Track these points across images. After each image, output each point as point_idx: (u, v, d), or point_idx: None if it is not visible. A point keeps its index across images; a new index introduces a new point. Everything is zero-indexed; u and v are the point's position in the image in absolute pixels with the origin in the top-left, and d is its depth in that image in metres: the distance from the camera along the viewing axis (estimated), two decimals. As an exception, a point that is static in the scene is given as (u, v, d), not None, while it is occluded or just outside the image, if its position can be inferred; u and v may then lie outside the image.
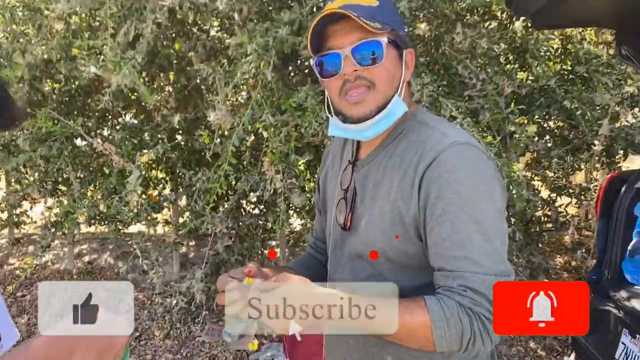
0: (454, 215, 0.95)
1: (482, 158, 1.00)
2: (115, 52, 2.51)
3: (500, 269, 0.96)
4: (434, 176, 0.98)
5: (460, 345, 0.93)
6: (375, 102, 1.05)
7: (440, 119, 1.13)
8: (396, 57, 1.06)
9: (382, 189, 1.07)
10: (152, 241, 4.71)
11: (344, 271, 1.16)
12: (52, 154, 3.14)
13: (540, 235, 3.78)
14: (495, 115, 2.76)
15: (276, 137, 2.80)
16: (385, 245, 1.05)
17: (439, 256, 0.98)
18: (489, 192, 0.98)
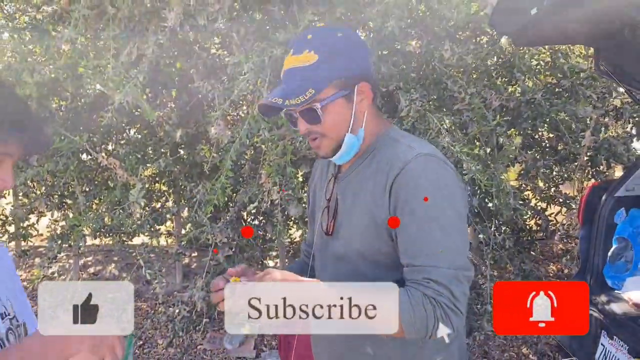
0: (418, 217, 1.10)
1: (443, 167, 1.15)
2: (118, 72, 2.64)
3: (460, 263, 1.09)
4: (401, 183, 1.12)
5: (426, 331, 1.05)
6: (329, 147, 1.23)
7: (408, 135, 1.28)
8: (342, 102, 1.20)
9: (359, 197, 1.22)
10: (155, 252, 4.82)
11: (328, 271, 1.30)
12: (59, 169, 3.26)
13: (531, 243, 3.87)
14: (483, 127, 2.88)
15: (273, 151, 2.92)
16: (362, 246, 1.20)
17: (407, 254, 1.12)
18: (450, 197, 1.12)
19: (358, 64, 1.20)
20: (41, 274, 3.71)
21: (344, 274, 1.25)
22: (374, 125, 1.26)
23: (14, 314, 1.01)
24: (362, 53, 1.23)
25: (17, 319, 1.02)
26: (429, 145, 1.22)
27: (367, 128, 1.24)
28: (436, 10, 2.96)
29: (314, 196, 1.48)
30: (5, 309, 0.99)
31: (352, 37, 1.23)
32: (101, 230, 3.49)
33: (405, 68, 3.16)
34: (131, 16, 2.71)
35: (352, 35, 1.24)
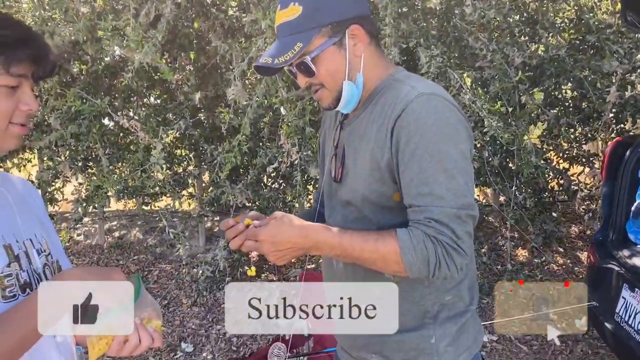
0: (420, 157, 1.08)
1: (446, 106, 1.12)
2: (137, 32, 2.65)
3: (463, 202, 1.08)
4: (403, 124, 1.10)
5: (427, 269, 1.06)
6: (330, 97, 1.21)
7: (414, 76, 1.24)
8: (334, 49, 1.17)
9: (364, 141, 1.21)
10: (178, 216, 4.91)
11: (336, 217, 1.30)
12: (82, 132, 3.32)
13: (553, 204, 3.84)
14: (505, 84, 2.83)
15: (291, 112, 2.93)
16: (366, 190, 1.19)
17: (409, 195, 1.11)
18: (453, 136, 1.10)
19: (347, 6, 1.17)
20: (67, 235, 3.81)
21: (350, 219, 1.26)
22: (376, 68, 1.23)
23: (49, 251, 1.05)
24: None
25: (52, 256, 1.05)
26: (434, 85, 1.19)
27: (368, 72, 1.21)
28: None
29: (324, 145, 1.48)
30: (40, 245, 1.02)
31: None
32: (124, 191, 3.55)
33: (426, 25, 3.11)
34: (148, -25, 2.70)
35: None
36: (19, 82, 0.93)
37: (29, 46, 0.93)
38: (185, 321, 3.55)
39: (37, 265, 0.99)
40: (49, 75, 0.99)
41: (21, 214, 1.01)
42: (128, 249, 4.81)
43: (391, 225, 1.13)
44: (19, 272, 0.93)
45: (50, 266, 1.04)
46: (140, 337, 0.97)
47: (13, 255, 0.93)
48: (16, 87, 0.93)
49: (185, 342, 3.32)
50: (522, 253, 4.02)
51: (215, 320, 3.53)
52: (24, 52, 0.92)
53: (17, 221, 0.99)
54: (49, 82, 3.27)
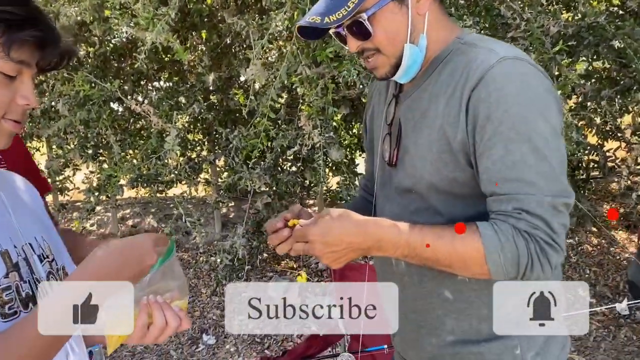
0: (505, 135, 0.90)
1: (535, 73, 0.94)
2: (147, 9, 2.47)
3: (558, 188, 0.91)
4: (481, 96, 0.92)
5: (517, 271, 0.89)
6: (387, 64, 1.04)
7: (488, 38, 1.06)
8: (394, 6, 1.00)
9: (428, 117, 1.02)
10: (193, 203, 4.78)
11: (392, 206, 1.13)
12: (91, 118, 3.17)
13: (587, 181, 3.66)
14: (542, 55, 2.64)
15: (312, 91, 2.75)
16: (434, 176, 1.01)
17: (491, 181, 0.93)
18: (543, 109, 0.92)
19: None
20: (80, 225, 3.69)
21: (411, 209, 1.07)
22: (441, 30, 1.04)
23: (53, 256, 0.90)
24: None
25: (57, 262, 0.91)
26: (514, 47, 1.01)
27: (431, 34, 1.03)
28: None
29: (372, 124, 1.28)
30: (42, 251, 0.88)
31: None
32: (138, 180, 3.41)
33: (454, -5, 2.91)
34: (157, -52, 2.51)
35: None
36: (19, 70, 0.78)
37: (35, 27, 0.77)
38: (206, 312, 3.44)
39: (40, 274, 0.85)
40: (55, 66, 0.83)
41: (18, 216, 0.87)
42: (142, 237, 4.69)
43: (465, 217, 0.96)
44: (19, 283, 0.79)
45: (56, 274, 0.90)
46: (166, 318, 0.83)
47: (11, 264, 0.80)
48: (15, 77, 0.78)
49: (207, 334, 3.21)
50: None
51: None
52: (29, 33, 0.76)
53: (14, 224, 0.85)
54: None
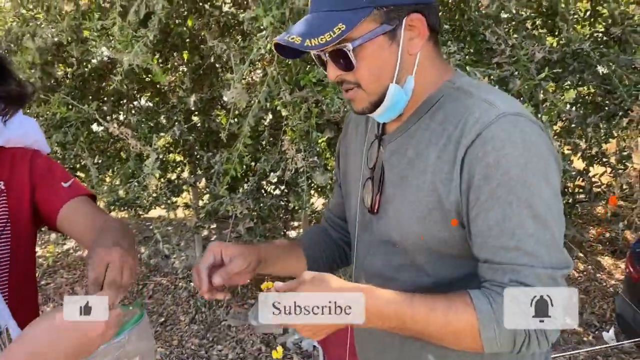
0: (503, 199, 0.84)
1: (536, 131, 0.87)
2: (125, 32, 2.41)
3: (558, 260, 0.84)
4: (479, 154, 0.85)
5: (512, 347, 0.83)
6: (366, 100, 0.95)
7: (482, 84, 0.99)
8: (384, 41, 0.91)
9: (417, 167, 0.94)
10: (173, 225, 4.67)
11: (374, 258, 1.05)
12: (68, 140, 3.08)
13: (573, 207, 3.63)
14: (527, 82, 2.61)
15: (296, 115, 2.70)
16: (422, 233, 0.93)
17: (486, 246, 0.86)
18: (544, 171, 0.85)
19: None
20: (56, 250, 3.57)
21: (395, 264, 1.00)
22: (433, 72, 0.97)
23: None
24: None
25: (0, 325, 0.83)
26: (513, 100, 0.93)
27: (422, 76, 0.95)
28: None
29: (347, 159, 1.19)
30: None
31: None
32: (115, 204, 3.31)
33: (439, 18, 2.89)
34: (137, -31, 2.45)
35: None
36: None
37: None
38: (184, 341, 3.33)
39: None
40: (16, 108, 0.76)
41: None
42: (121, 260, 4.57)
43: (452, 278, 0.89)
44: None
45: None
46: None
47: None
48: None
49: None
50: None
51: (216, 340, 3.31)
52: None
53: None
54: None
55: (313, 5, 0.92)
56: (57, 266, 4.48)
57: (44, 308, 3.88)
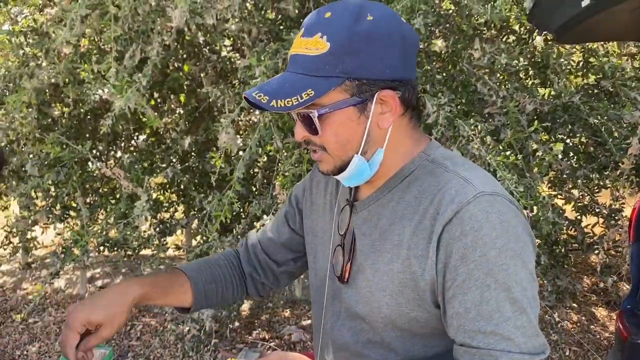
0: (481, 281, 0.83)
1: (512, 211, 0.87)
2: (120, 76, 2.44)
3: (535, 344, 0.84)
4: (456, 234, 0.85)
5: None
6: (331, 164, 0.95)
7: (457, 157, 0.99)
8: (352, 112, 0.91)
9: (389, 240, 0.94)
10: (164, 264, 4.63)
11: (342, 329, 1.03)
12: (61, 180, 3.09)
13: (565, 256, 3.61)
14: (518, 134, 2.63)
15: (287, 160, 2.71)
16: (392, 311, 0.92)
17: (462, 329, 0.85)
18: (520, 252, 0.85)
19: (388, 62, 0.89)
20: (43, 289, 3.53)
21: (364, 340, 0.99)
22: (407, 144, 0.97)
23: None
24: (398, 48, 0.90)
25: None
26: (488, 176, 0.93)
27: (394, 148, 0.95)
28: (464, 7, 2.71)
29: (312, 217, 1.17)
30: None
31: (388, 22, 0.90)
32: (105, 244, 3.30)
33: (430, 69, 2.93)
34: (134, 15, 2.50)
35: (389, 19, 0.90)
36: None
37: None
38: (170, 387, 3.26)
39: None
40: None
41: None
42: (111, 299, 4.51)
43: (422, 358, 0.88)
44: None
45: None
46: None
47: None
48: None
49: (169, 412, 3.02)
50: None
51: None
52: None
53: None
54: (27, 126, 3.05)
55: (290, 65, 0.93)
56: (46, 304, 4.42)
57: (30, 347, 3.82)
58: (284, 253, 1.27)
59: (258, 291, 1.31)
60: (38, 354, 3.72)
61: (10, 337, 3.99)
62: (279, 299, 4.30)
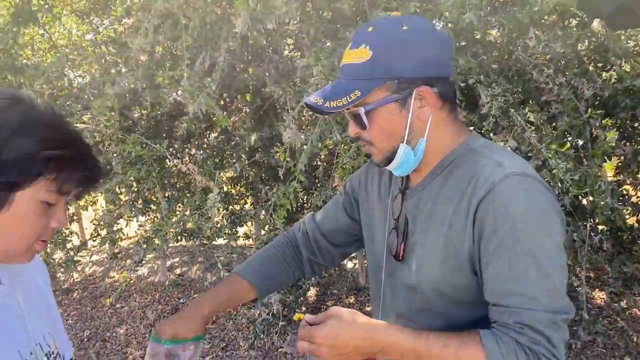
0: (509, 249, 0.95)
1: (539, 189, 0.99)
2: (192, 81, 2.66)
3: (559, 305, 0.94)
4: (488, 209, 0.97)
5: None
6: (381, 155, 1.10)
7: (494, 145, 1.11)
8: (394, 107, 1.06)
9: (435, 220, 1.07)
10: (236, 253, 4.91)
11: (398, 302, 1.18)
12: (142, 176, 3.38)
13: (633, 242, 3.54)
14: (575, 120, 2.64)
15: (346, 153, 2.85)
16: (438, 279, 1.06)
17: (495, 292, 0.97)
18: (547, 225, 0.96)
19: (424, 65, 1.04)
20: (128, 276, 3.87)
21: (415, 308, 1.13)
22: (446, 135, 1.10)
23: (57, 350, 0.99)
24: (430, 50, 1.04)
25: (60, 354, 0.99)
26: (520, 160, 1.05)
27: (434, 139, 1.09)
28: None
29: (369, 206, 1.32)
30: (49, 347, 0.96)
31: (421, 30, 1.05)
32: (182, 234, 3.58)
33: (486, 59, 2.97)
34: (203, 25, 2.73)
35: (422, 28, 1.05)
36: (58, 198, 0.87)
37: (85, 168, 0.87)
38: (243, 366, 3.50)
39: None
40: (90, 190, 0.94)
41: (30, 316, 0.94)
42: (189, 286, 4.85)
43: (466, 321, 1.01)
44: None
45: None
46: None
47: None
48: (54, 204, 0.87)
49: (243, 388, 3.26)
50: (599, 296, 3.72)
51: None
52: (79, 174, 0.86)
53: (28, 327, 0.92)
54: (110, 128, 3.37)
55: (341, 74, 1.10)
56: (131, 290, 4.81)
57: (118, 330, 4.19)
58: (343, 237, 1.43)
59: (314, 272, 1.49)
60: (125, 335, 4.08)
61: (101, 320, 4.40)
62: (342, 285, 4.47)
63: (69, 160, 0.84)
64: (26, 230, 0.83)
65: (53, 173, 0.82)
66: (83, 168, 0.86)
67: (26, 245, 0.85)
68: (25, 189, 0.80)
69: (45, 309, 1.03)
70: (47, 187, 0.82)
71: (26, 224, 0.83)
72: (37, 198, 0.82)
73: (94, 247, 5.66)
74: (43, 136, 0.81)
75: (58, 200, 0.87)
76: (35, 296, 1.01)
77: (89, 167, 0.88)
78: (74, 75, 4.12)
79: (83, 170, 0.86)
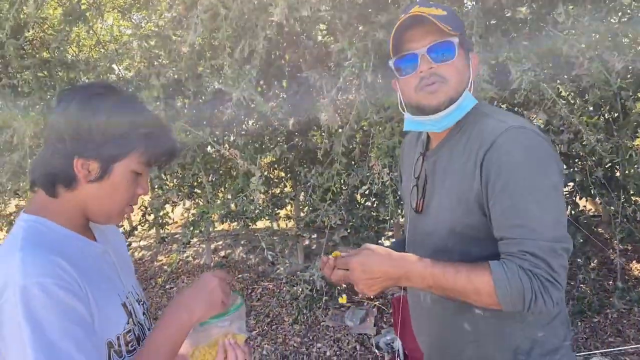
0: (511, 190, 1.09)
1: (536, 139, 1.12)
2: (233, 69, 2.82)
3: (557, 235, 1.07)
4: (492, 158, 1.12)
5: (522, 303, 1.05)
6: (447, 94, 1.20)
7: (499, 110, 1.26)
8: (464, 57, 1.22)
9: (450, 173, 1.23)
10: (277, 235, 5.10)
11: (417, 248, 1.33)
12: (187, 162, 3.57)
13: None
14: (605, 93, 2.68)
15: (381, 133, 2.97)
16: (453, 221, 1.21)
17: (500, 227, 1.11)
18: (544, 168, 1.10)
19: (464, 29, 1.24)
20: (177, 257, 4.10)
21: (431, 248, 1.27)
22: None
23: (143, 298, 1.17)
24: None
25: (145, 302, 1.17)
26: (520, 118, 1.20)
27: None
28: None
29: (403, 172, 1.53)
30: (138, 295, 1.14)
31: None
32: (227, 216, 3.77)
33: (517, 36, 3.03)
34: (241, 15, 2.87)
35: None
36: (145, 170, 1.04)
37: (167, 143, 1.04)
38: (288, 339, 3.68)
39: (140, 317, 1.10)
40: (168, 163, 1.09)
41: (121, 270, 1.12)
42: (233, 267, 5.06)
43: (478, 257, 1.14)
44: (133, 327, 1.05)
45: (147, 312, 1.15)
46: (236, 355, 1.08)
47: (128, 312, 1.05)
48: (140, 174, 1.03)
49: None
50: (637, 267, 3.75)
51: (316, 339, 3.63)
52: (163, 148, 1.03)
53: (120, 277, 1.10)
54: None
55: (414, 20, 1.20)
56: (178, 272, 5.06)
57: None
58: None
59: None
60: (176, 313, 4.32)
61: (152, 300, 4.66)
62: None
63: (155, 137, 1.01)
64: (122, 195, 1.01)
65: (142, 147, 0.98)
66: (165, 143, 1.03)
67: (121, 208, 1.03)
68: (122, 161, 0.97)
69: (127, 265, 1.20)
70: (138, 159, 0.99)
71: (122, 190, 1.00)
72: (129, 168, 0.99)
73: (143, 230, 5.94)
74: (134, 117, 0.98)
75: (144, 171, 1.03)
76: (120, 254, 1.18)
77: (170, 143, 1.04)
78: (119, 69, 4.34)
79: (165, 144, 1.02)
